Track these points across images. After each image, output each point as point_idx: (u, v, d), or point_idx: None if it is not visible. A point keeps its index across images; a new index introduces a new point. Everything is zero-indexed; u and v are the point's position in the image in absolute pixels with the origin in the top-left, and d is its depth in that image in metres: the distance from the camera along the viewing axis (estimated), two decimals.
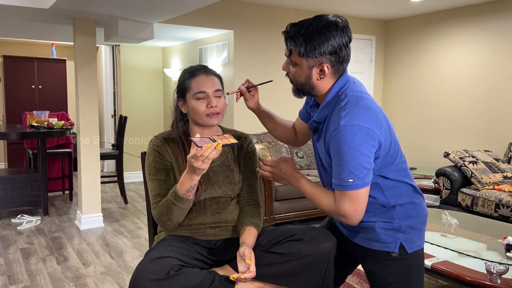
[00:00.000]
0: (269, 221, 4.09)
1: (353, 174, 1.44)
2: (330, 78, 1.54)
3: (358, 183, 1.45)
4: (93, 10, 3.92)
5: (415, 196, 1.64)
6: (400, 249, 1.59)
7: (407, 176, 1.64)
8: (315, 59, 1.49)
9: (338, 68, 1.53)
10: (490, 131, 4.93)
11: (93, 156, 4.41)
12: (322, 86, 1.56)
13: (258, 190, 1.87)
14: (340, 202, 1.49)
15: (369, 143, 1.45)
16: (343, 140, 1.43)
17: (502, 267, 2.18)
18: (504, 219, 3.70)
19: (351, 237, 1.68)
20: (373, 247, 1.61)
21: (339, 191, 1.49)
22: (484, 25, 4.95)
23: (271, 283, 1.61)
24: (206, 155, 1.48)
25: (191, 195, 1.61)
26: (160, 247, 1.61)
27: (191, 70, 1.77)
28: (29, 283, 3.11)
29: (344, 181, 1.46)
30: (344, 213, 1.49)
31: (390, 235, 1.59)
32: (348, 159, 1.44)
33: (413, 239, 1.61)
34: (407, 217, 1.60)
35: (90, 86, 4.35)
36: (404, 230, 1.59)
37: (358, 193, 1.47)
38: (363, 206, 1.50)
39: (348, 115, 1.45)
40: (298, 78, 1.56)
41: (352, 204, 1.47)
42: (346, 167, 1.44)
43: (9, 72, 7.12)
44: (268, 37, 5.28)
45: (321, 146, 1.60)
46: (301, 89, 1.59)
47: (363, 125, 1.44)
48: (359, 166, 1.44)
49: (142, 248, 3.84)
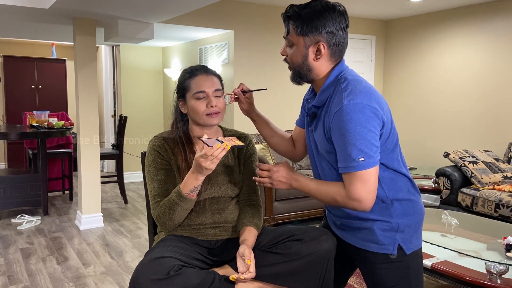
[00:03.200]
0: (269, 221, 4.09)
1: (363, 153, 1.40)
2: (327, 61, 1.53)
3: (369, 161, 1.41)
4: (93, 10, 3.92)
5: (412, 192, 1.60)
6: (399, 251, 1.55)
7: (405, 167, 1.61)
8: (311, 37, 1.50)
9: (335, 50, 1.52)
10: (490, 131, 4.92)
11: (93, 156, 4.41)
12: (319, 69, 1.54)
13: (258, 190, 1.87)
14: (352, 185, 1.42)
15: (374, 121, 1.42)
16: (348, 118, 1.40)
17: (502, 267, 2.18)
18: (504, 219, 3.70)
19: (347, 239, 1.64)
20: (370, 248, 1.57)
21: (349, 173, 1.43)
22: (484, 25, 4.95)
23: (271, 283, 1.61)
24: (215, 155, 1.48)
25: (194, 195, 1.61)
26: (160, 247, 1.61)
27: (191, 70, 1.77)
28: (29, 283, 3.11)
29: (354, 161, 1.40)
30: (357, 196, 1.42)
31: (388, 236, 1.55)
32: (356, 137, 1.39)
33: (411, 239, 1.57)
34: (405, 215, 1.56)
35: (90, 86, 4.35)
36: (402, 230, 1.55)
37: (369, 172, 1.41)
38: (375, 187, 1.44)
39: (351, 95, 1.43)
40: (295, 59, 1.56)
41: (364, 185, 1.41)
42: (355, 145, 1.39)
43: (9, 72, 7.12)
44: (268, 37, 5.28)
45: (320, 133, 1.55)
46: (299, 73, 1.57)
47: (366, 103, 1.41)
48: (368, 143, 1.40)
49: (142, 248, 3.84)
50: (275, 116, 5.34)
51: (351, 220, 1.60)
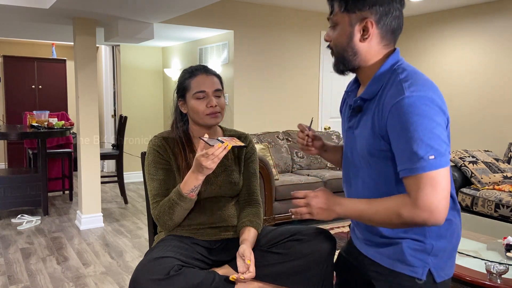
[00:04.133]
0: (269, 221, 4.09)
1: (433, 149, 1.16)
2: (376, 43, 1.31)
3: (441, 160, 1.16)
4: (93, 10, 3.92)
5: (452, 212, 1.35)
6: (427, 277, 1.31)
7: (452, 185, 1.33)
8: (358, 13, 1.28)
9: (386, 31, 1.31)
10: (490, 131, 4.92)
11: (93, 156, 4.41)
12: (368, 52, 1.32)
13: (258, 190, 1.87)
14: (420, 190, 1.16)
15: (441, 116, 1.20)
16: (412, 110, 1.17)
17: (502, 267, 2.18)
18: (504, 219, 3.70)
19: (370, 255, 1.40)
20: (396, 268, 1.33)
21: (415, 176, 1.17)
22: (484, 25, 4.95)
23: (271, 283, 1.61)
24: (216, 154, 1.48)
25: (194, 194, 1.61)
26: (160, 247, 1.61)
27: (191, 70, 1.78)
28: (29, 283, 3.11)
29: (423, 160, 1.16)
30: (427, 204, 1.16)
31: (419, 258, 1.31)
32: (423, 131, 1.16)
33: (444, 266, 1.34)
34: (441, 237, 1.32)
35: (90, 86, 4.35)
36: (435, 254, 1.31)
37: (441, 174, 1.16)
38: (448, 193, 1.18)
39: (413, 86, 1.21)
40: (340, 41, 1.33)
41: (435, 190, 1.16)
42: (422, 141, 1.16)
43: (9, 72, 7.12)
44: (268, 37, 5.28)
45: (365, 129, 1.32)
46: (342, 57, 1.34)
47: (432, 97, 1.19)
48: (438, 138, 1.17)
49: (142, 248, 3.84)
50: (274, 116, 5.34)
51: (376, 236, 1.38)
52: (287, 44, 5.37)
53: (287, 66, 5.40)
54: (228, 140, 1.54)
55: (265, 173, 4.01)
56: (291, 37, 5.38)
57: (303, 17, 5.47)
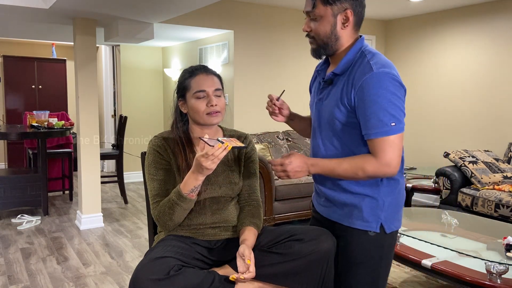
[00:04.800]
0: (269, 221, 4.09)
1: (394, 118, 1.45)
2: (351, 29, 1.58)
3: (399, 126, 1.46)
4: (93, 10, 3.92)
5: (400, 173, 1.61)
6: (380, 229, 1.58)
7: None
8: (339, 5, 1.54)
9: (359, 19, 1.59)
10: (490, 131, 4.93)
11: (93, 156, 4.41)
12: (345, 38, 1.59)
13: (258, 190, 1.87)
14: (383, 150, 1.47)
15: (401, 89, 1.49)
16: (379, 85, 1.45)
17: (502, 267, 2.19)
18: (504, 219, 3.70)
19: (330, 216, 1.67)
20: (355, 225, 1.59)
21: (379, 138, 1.46)
22: (484, 25, 4.95)
23: (271, 283, 1.61)
24: (216, 154, 1.48)
25: (194, 195, 1.61)
26: (160, 247, 1.61)
27: (191, 70, 1.78)
28: (29, 283, 3.11)
29: (387, 126, 1.45)
30: (388, 161, 1.46)
31: (374, 214, 1.57)
32: (388, 103, 1.44)
33: (392, 219, 1.60)
34: (390, 193, 1.59)
35: (90, 86, 4.35)
36: (386, 209, 1.58)
37: (398, 137, 1.47)
38: (401, 152, 1.50)
39: (379, 64, 1.49)
40: (323, 31, 1.59)
41: (394, 150, 1.46)
42: (387, 111, 1.45)
43: (9, 72, 7.12)
44: (268, 37, 5.27)
45: (333, 100, 1.57)
46: (325, 44, 1.60)
47: (394, 73, 1.48)
48: (398, 109, 1.46)
49: (142, 248, 3.84)
50: None
51: (339, 193, 1.62)
52: (287, 44, 5.37)
53: (287, 66, 5.40)
54: (228, 140, 1.54)
55: (265, 173, 4.02)
56: (291, 37, 5.38)
57: (303, 17, 5.46)
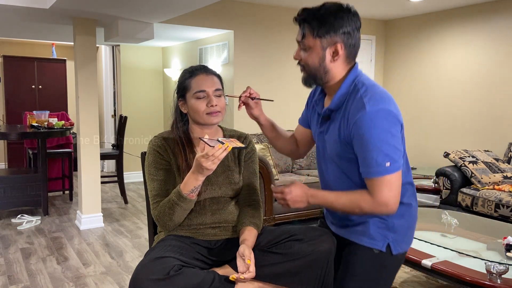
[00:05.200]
0: (269, 221, 4.09)
1: (389, 157, 1.43)
2: (342, 62, 1.54)
3: (395, 166, 1.44)
4: (93, 10, 3.92)
5: (413, 197, 1.62)
6: (386, 248, 1.57)
7: (410, 175, 1.63)
8: (329, 38, 1.49)
9: (350, 51, 1.53)
10: (490, 131, 4.93)
11: (93, 156, 4.41)
12: (336, 70, 1.54)
13: (258, 190, 1.87)
14: (379, 190, 1.44)
15: (396, 125, 1.46)
16: (373, 124, 1.42)
17: (502, 267, 2.18)
18: (504, 219, 3.70)
19: (340, 233, 1.66)
20: (361, 242, 1.59)
21: (375, 178, 1.44)
22: (484, 25, 4.95)
23: (271, 283, 1.61)
24: (217, 155, 1.48)
25: (194, 195, 1.61)
26: (160, 247, 1.61)
27: (191, 70, 1.78)
28: (29, 283, 3.11)
29: (381, 166, 1.42)
30: (384, 201, 1.44)
31: (381, 233, 1.57)
32: (381, 142, 1.42)
33: (401, 241, 1.59)
34: (401, 217, 1.58)
35: (90, 86, 4.35)
36: (395, 230, 1.57)
37: (395, 176, 1.44)
38: (399, 191, 1.47)
39: (372, 100, 1.45)
40: (312, 63, 1.54)
41: (390, 189, 1.44)
42: (380, 150, 1.42)
43: (9, 72, 7.12)
44: (268, 37, 5.27)
45: (333, 135, 1.56)
46: (314, 75, 1.56)
47: (388, 108, 1.44)
48: (393, 148, 1.44)
49: (142, 248, 3.84)
50: (275, 115, 5.33)
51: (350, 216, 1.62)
52: (287, 44, 5.37)
53: (287, 66, 5.40)
54: (228, 141, 1.54)
55: (265, 173, 4.02)
56: (291, 37, 5.38)
57: None
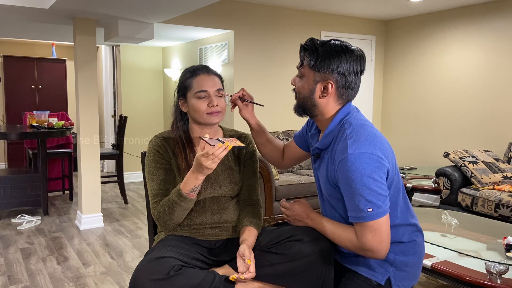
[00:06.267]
0: (269, 221, 4.09)
1: (371, 203, 1.38)
2: (333, 101, 1.53)
3: (378, 211, 1.39)
4: (93, 10, 3.92)
5: (416, 234, 1.59)
6: (386, 282, 1.53)
7: (410, 215, 1.59)
8: (322, 74, 1.49)
9: (343, 93, 1.51)
10: (490, 131, 4.93)
11: (93, 156, 4.41)
12: (324, 108, 1.53)
13: (258, 190, 1.87)
14: (363, 235, 1.41)
15: (380, 170, 1.41)
16: (354, 168, 1.39)
17: (502, 267, 2.18)
18: (504, 219, 3.70)
19: (341, 260, 1.64)
20: (360, 271, 1.56)
21: (359, 223, 1.42)
22: (484, 25, 4.95)
23: (271, 283, 1.61)
24: (217, 154, 1.48)
25: (194, 195, 1.61)
26: (160, 247, 1.61)
27: (192, 69, 1.78)
28: (29, 283, 3.11)
29: (363, 212, 1.39)
30: (369, 247, 1.41)
31: (381, 266, 1.53)
32: (362, 188, 1.38)
33: (404, 278, 1.55)
34: (404, 254, 1.55)
35: (90, 86, 4.35)
36: (397, 266, 1.53)
37: (379, 222, 1.40)
38: (387, 236, 1.42)
39: (355, 143, 1.42)
40: (302, 91, 1.55)
41: (375, 235, 1.40)
42: (362, 196, 1.38)
43: (9, 72, 7.12)
44: (268, 37, 5.27)
45: (323, 175, 1.55)
46: (303, 105, 1.57)
47: (371, 152, 1.40)
48: (375, 193, 1.39)
49: (142, 248, 3.84)
50: (275, 115, 5.35)
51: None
52: (287, 44, 5.37)
53: (287, 66, 5.40)
54: (228, 140, 1.54)
55: (265, 173, 4.01)
56: (291, 37, 5.38)
57: (303, 17, 5.47)
